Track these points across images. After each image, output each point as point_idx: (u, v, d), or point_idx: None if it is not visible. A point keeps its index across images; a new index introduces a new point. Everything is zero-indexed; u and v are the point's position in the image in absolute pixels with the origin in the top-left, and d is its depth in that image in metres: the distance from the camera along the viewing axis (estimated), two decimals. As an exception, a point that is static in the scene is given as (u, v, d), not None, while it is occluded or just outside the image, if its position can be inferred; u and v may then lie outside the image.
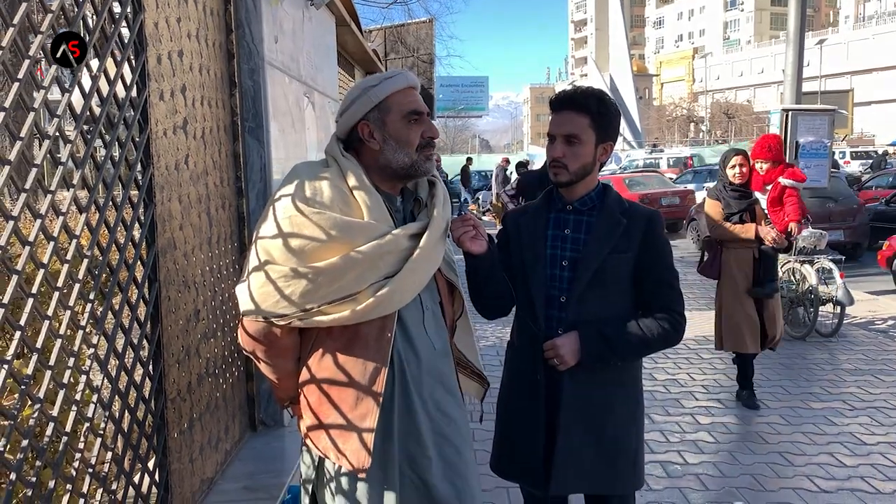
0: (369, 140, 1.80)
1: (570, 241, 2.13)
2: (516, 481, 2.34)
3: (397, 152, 1.80)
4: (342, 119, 1.84)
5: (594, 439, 2.11)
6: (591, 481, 2.14)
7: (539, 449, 2.16)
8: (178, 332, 2.50)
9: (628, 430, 2.18)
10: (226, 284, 3.03)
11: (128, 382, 2.10)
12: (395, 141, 1.79)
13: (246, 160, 3.28)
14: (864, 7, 73.34)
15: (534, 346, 2.15)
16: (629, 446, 2.17)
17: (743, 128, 54.93)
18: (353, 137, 1.83)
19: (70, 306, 1.76)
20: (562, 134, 2.08)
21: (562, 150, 2.08)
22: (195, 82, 2.72)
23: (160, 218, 2.35)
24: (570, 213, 2.16)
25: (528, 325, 2.18)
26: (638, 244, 2.09)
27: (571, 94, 2.11)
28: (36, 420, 1.65)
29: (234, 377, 3.18)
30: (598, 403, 2.12)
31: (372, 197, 1.74)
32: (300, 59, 4.17)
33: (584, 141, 2.06)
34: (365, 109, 1.79)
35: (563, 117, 2.09)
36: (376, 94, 1.79)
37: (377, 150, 1.80)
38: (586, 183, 2.15)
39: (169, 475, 2.40)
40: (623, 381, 2.19)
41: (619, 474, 2.16)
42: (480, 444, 4.38)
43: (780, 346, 6.64)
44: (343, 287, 1.67)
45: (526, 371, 2.20)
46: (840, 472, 3.93)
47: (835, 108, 7.74)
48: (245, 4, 3.23)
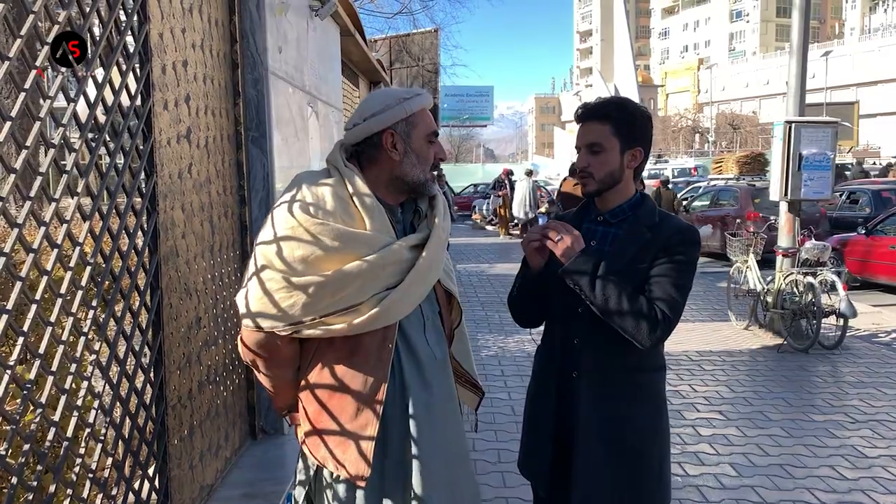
0: (391, 150, 1.80)
1: (593, 252, 2.09)
2: (528, 479, 2.32)
3: (415, 167, 1.82)
4: (367, 123, 1.80)
5: (615, 451, 2.06)
6: (613, 496, 2.07)
7: (546, 453, 2.16)
8: (179, 339, 2.52)
9: (651, 442, 2.11)
10: (227, 292, 3.05)
11: (129, 389, 2.11)
12: (416, 156, 1.82)
13: (249, 169, 3.31)
14: (870, 19, 73.41)
15: (552, 353, 2.17)
16: (652, 459, 2.11)
17: (748, 139, 54.90)
18: (370, 144, 1.81)
19: (73, 313, 1.78)
20: (585, 144, 2.09)
21: (586, 159, 2.08)
22: (199, 92, 2.75)
23: (163, 226, 2.37)
24: (600, 224, 2.16)
25: (550, 332, 2.21)
26: (654, 255, 2.03)
27: (592, 104, 2.12)
28: (37, 425, 1.66)
29: (234, 385, 3.19)
30: (618, 416, 2.07)
31: (374, 207, 1.74)
32: (304, 69, 4.20)
33: (607, 148, 2.06)
34: (395, 119, 1.79)
35: (585, 128, 2.10)
36: (409, 106, 1.81)
37: (396, 162, 1.80)
38: (619, 192, 2.12)
39: (169, 481, 2.42)
40: (644, 395, 2.12)
41: (643, 489, 2.09)
42: (479, 455, 4.38)
43: (783, 358, 6.65)
44: (345, 298, 1.67)
45: (544, 376, 2.22)
46: (841, 484, 3.93)
47: (838, 121, 7.74)
48: (249, 15, 3.26)
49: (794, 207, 7.43)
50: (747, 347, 7.13)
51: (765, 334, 7.59)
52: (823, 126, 7.43)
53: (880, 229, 10.42)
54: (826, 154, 7.26)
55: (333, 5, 4.67)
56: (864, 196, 13.45)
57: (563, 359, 2.14)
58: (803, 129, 7.28)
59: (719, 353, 6.90)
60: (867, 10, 75.24)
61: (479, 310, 9.29)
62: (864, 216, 12.34)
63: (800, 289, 6.97)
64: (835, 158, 7.39)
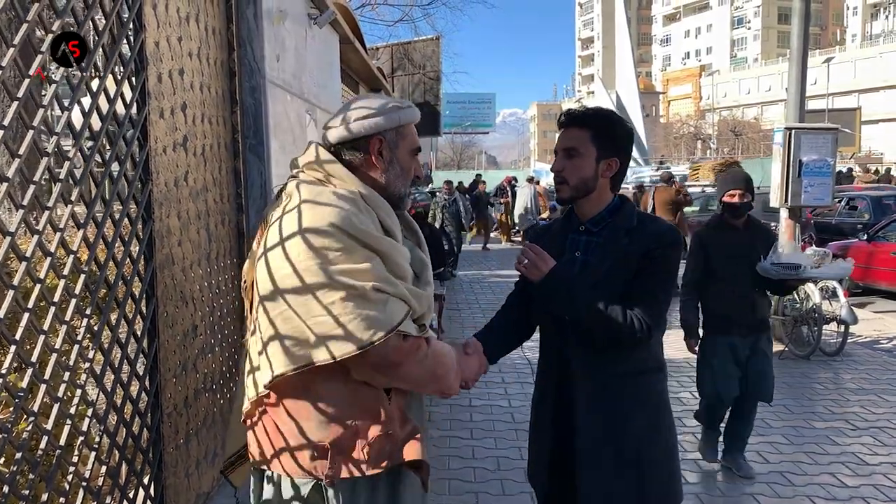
0: (376, 156, 1.74)
1: (579, 264, 2.11)
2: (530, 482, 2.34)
3: (399, 179, 1.78)
4: (359, 123, 1.72)
5: (616, 457, 2.05)
6: (619, 498, 2.06)
7: (544, 462, 2.18)
8: (175, 346, 2.52)
9: (651, 439, 2.10)
10: (224, 300, 3.05)
11: (124, 397, 2.12)
12: (400, 167, 1.77)
13: (246, 177, 3.32)
14: (872, 25, 73.48)
15: (547, 360, 2.20)
16: (655, 465, 2.09)
17: (750, 145, 54.88)
18: (354, 147, 1.73)
19: (66, 321, 1.79)
20: (562, 148, 2.10)
21: (561, 163, 2.09)
22: (196, 100, 2.76)
23: (158, 234, 2.37)
24: (583, 233, 2.15)
25: (545, 342, 2.23)
26: (636, 261, 2.03)
27: (574, 111, 2.14)
28: (30, 433, 1.66)
29: (231, 392, 3.19)
30: (615, 421, 2.07)
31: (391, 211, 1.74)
32: (303, 77, 4.22)
33: (582, 154, 2.05)
34: (388, 126, 1.73)
35: (565, 133, 2.12)
36: (403, 116, 1.76)
37: (380, 170, 1.75)
38: (595, 201, 2.12)
39: (164, 489, 2.41)
40: (641, 399, 2.11)
41: (649, 488, 2.08)
42: (478, 462, 4.37)
43: (784, 365, 6.62)
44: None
45: (542, 385, 2.25)
46: (842, 492, 3.90)
47: (837, 127, 7.73)
48: (247, 23, 3.28)
49: (794, 214, 7.42)
50: (748, 354, 7.09)
51: (766, 341, 7.55)
52: (823, 132, 7.42)
53: (882, 235, 10.39)
54: (826, 160, 7.25)
55: (332, 14, 4.69)
56: (864, 202, 13.50)
57: (558, 367, 2.15)
58: (803, 136, 7.27)
59: (720, 359, 6.86)
60: (868, 16, 75.31)
61: (480, 316, 9.28)
62: (864, 223, 12.42)
63: (801, 295, 6.94)
64: (835, 165, 7.39)
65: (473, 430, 4.96)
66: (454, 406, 5.48)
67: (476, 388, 6.24)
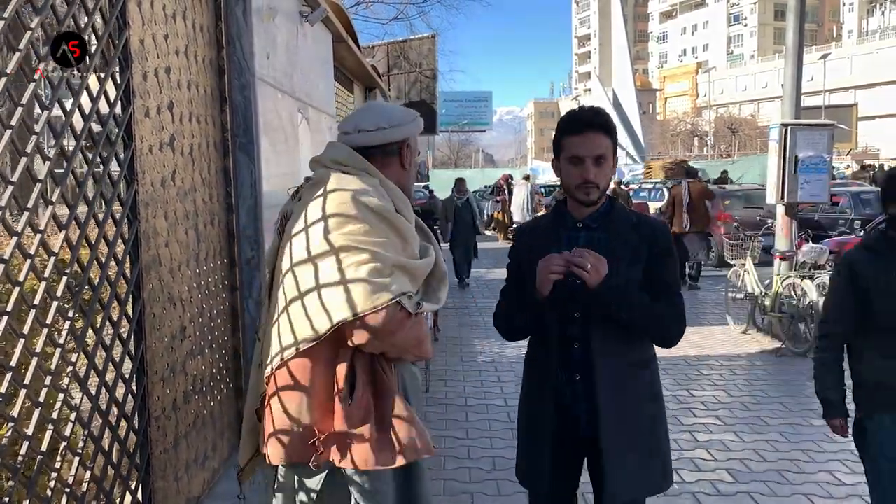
0: (404, 159, 2.00)
1: None
2: (525, 486, 2.38)
3: (412, 180, 2.08)
4: (391, 129, 1.95)
5: (627, 441, 2.16)
6: (637, 485, 2.18)
7: (546, 456, 2.20)
8: (162, 349, 2.48)
9: (655, 430, 2.24)
10: (214, 301, 3.01)
11: (109, 400, 2.08)
12: (414, 170, 2.08)
13: (236, 176, 3.28)
14: (868, 22, 73.52)
15: (548, 359, 2.21)
16: (660, 447, 2.25)
17: (747, 142, 54.93)
18: (386, 150, 1.96)
19: (47, 324, 1.75)
20: (593, 156, 2.13)
21: (593, 171, 2.14)
22: (183, 99, 2.72)
23: (145, 235, 2.33)
24: (581, 230, 2.22)
25: (544, 340, 2.24)
26: (646, 256, 2.17)
27: (594, 116, 2.18)
28: (9, 439, 1.63)
29: (222, 394, 3.15)
30: (631, 409, 2.18)
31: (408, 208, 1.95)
32: (294, 75, 4.17)
33: (608, 160, 2.16)
34: (411, 133, 2.01)
35: (590, 139, 2.13)
36: (418, 125, 2.04)
37: (405, 171, 2.01)
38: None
39: (153, 493, 2.38)
40: (646, 389, 2.25)
41: (654, 475, 2.22)
42: (473, 462, 4.34)
43: (782, 362, 6.61)
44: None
45: (540, 382, 2.26)
46: (839, 490, 3.88)
47: (833, 123, 7.71)
48: (236, 20, 3.23)
49: (790, 210, 7.40)
50: (745, 351, 7.09)
51: (763, 338, 7.56)
52: (819, 129, 7.41)
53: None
54: (822, 157, 7.24)
55: (323, 11, 4.65)
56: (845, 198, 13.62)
57: (561, 364, 2.19)
58: (799, 132, 7.25)
59: (717, 357, 6.86)
60: (865, 12, 75.36)
61: (477, 315, 9.26)
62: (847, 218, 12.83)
63: (798, 292, 6.92)
64: (831, 161, 7.36)
65: (469, 430, 4.93)
66: (449, 406, 5.46)
67: (472, 387, 6.24)
